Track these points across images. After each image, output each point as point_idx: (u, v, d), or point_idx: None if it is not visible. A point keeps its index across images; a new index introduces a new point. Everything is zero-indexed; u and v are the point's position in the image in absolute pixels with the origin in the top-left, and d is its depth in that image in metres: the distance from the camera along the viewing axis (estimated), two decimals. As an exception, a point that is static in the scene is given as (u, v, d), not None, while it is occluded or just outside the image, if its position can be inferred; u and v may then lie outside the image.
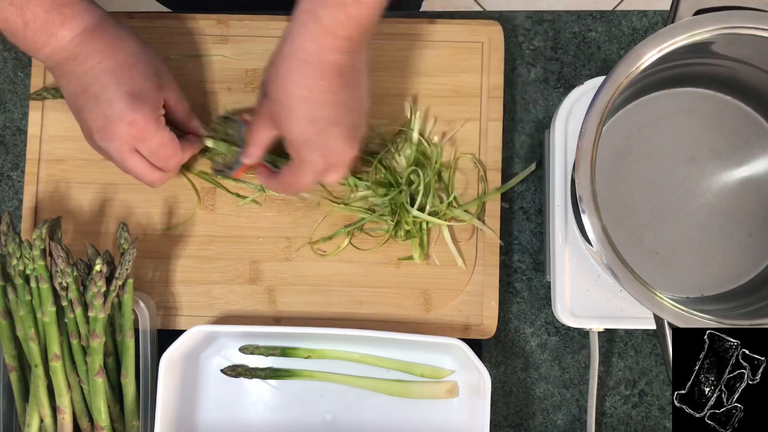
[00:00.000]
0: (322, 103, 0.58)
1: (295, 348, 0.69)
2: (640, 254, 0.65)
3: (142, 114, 0.61)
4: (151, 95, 0.62)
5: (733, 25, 0.55)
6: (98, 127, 0.61)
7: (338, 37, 0.56)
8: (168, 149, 0.64)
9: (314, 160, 0.60)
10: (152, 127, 0.62)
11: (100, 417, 0.65)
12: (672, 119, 0.66)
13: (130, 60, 0.62)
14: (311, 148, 0.60)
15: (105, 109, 0.61)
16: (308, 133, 0.59)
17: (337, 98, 0.58)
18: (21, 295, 0.64)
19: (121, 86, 0.61)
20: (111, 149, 0.62)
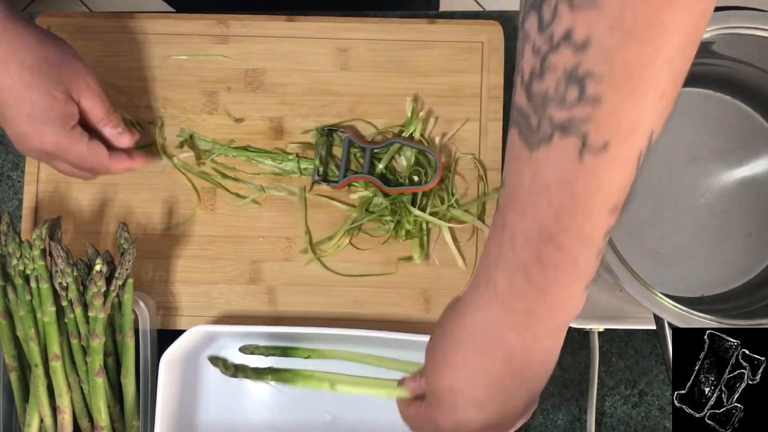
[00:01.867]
0: (469, 382, 0.45)
1: (295, 348, 0.69)
2: (640, 254, 0.65)
3: (48, 136, 0.59)
4: (55, 112, 0.59)
5: (733, 25, 0.55)
6: (13, 139, 0.61)
7: (514, 311, 0.42)
8: (88, 160, 0.62)
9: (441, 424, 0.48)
10: (63, 144, 0.60)
11: (100, 417, 0.65)
12: (672, 119, 0.66)
13: (28, 76, 0.58)
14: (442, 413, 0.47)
15: (12, 128, 0.59)
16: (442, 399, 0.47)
17: (493, 385, 0.45)
18: (21, 295, 0.64)
19: (22, 107, 0.58)
20: (32, 158, 0.63)
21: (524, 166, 0.38)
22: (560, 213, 0.38)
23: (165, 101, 0.73)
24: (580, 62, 0.34)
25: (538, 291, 0.41)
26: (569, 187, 0.37)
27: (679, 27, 0.33)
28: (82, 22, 0.73)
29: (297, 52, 0.73)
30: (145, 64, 0.73)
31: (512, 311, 0.42)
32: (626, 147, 0.36)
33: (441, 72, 0.72)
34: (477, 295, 0.44)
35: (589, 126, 0.35)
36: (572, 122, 0.36)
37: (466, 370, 0.45)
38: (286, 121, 0.72)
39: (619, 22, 0.33)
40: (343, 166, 0.70)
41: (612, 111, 0.35)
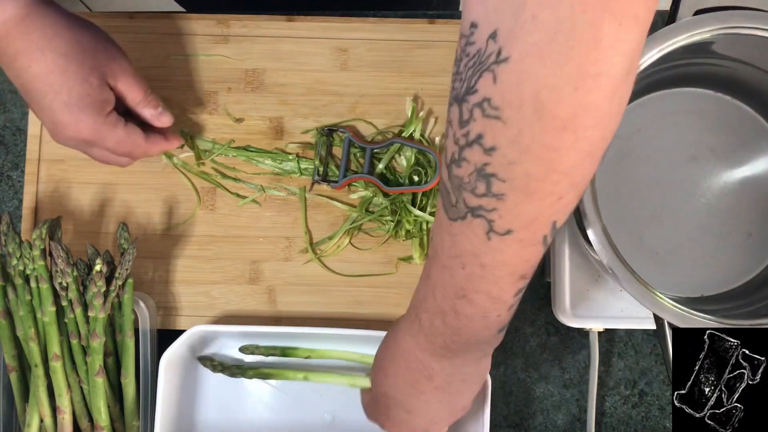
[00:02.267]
0: (399, 390, 0.55)
1: (295, 348, 0.69)
2: (640, 254, 0.65)
3: (85, 123, 0.59)
4: (91, 98, 0.58)
5: (733, 25, 0.55)
6: (49, 129, 0.60)
7: (434, 344, 0.50)
8: (126, 145, 0.62)
9: (379, 423, 0.59)
10: (100, 131, 0.60)
11: (100, 417, 0.65)
12: (672, 119, 0.66)
13: (63, 62, 0.57)
14: (378, 412, 0.59)
15: (49, 116, 0.58)
16: (378, 400, 0.58)
17: (418, 395, 0.54)
18: (21, 295, 0.64)
19: (57, 95, 0.57)
20: (69, 146, 0.62)
21: (444, 233, 0.44)
22: (471, 277, 0.44)
23: (165, 101, 0.73)
24: (487, 163, 0.38)
25: (453, 332, 0.48)
26: (478, 258, 0.43)
27: (573, 149, 0.37)
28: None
29: (297, 52, 0.73)
30: (145, 64, 0.73)
31: (433, 344, 0.50)
32: (529, 233, 0.41)
33: (441, 72, 0.72)
34: (408, 324, 0.52)
35: (494, 215, 0.40)
36: (481, 209, 0.40)
37: (397, 381, 0.54)
38: (286, 121, 0.72)
39: (518, 139, 0.37)
40: (343, 166, 0.70)
41: (513, 207, 0.39)
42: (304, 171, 0.71)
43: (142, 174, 0.72)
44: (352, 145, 0.71)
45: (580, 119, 0.36)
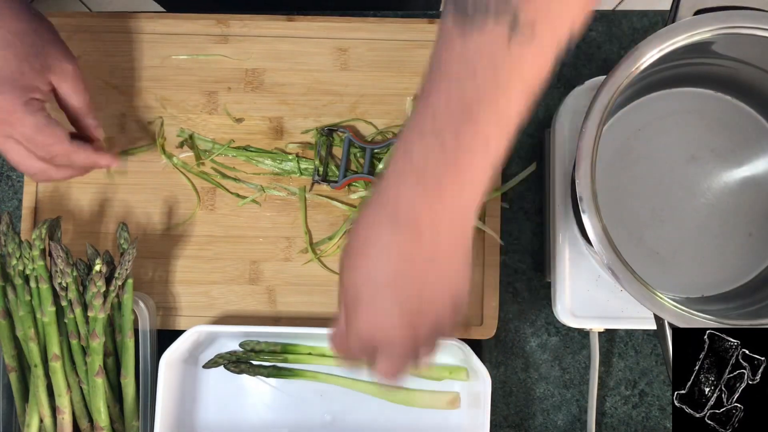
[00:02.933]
0: (384, 259, 0.46)
1: (295, 345, 0.69)
2: (640, 254, 0.65)
3: (8, 97, 0.57)
4: (24, 77, 0.58)
5: (733, 25, 0.55)
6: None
7: (426, 182, 0.44)
8: (45, 135, 0.59)
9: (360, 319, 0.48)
10: (20, 110, 0.58)
11: (100, 417, 0.65)
12: (672, 119, 0.66)
13: (7, 38, 0.57)
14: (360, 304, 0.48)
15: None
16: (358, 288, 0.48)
17: (405, 260, 0.46)
18: (20, 295, 0.64)
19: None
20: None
21: (455, 54, 0.42)
22: (482, 95, 0.42)
23: (165, 101, 0.73)
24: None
25: (449, 162, 0.43)
26: (495, 72, 0.41)
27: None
28: (82, 22, 0.73)
29: (297, 52, 0.73)
30: (145, 64, 0.73)
31: (424, 183, 0.43)
32: (549, 31, 0.41)
33: (441, 72, 0.72)
34: (393, 171, 0.45)
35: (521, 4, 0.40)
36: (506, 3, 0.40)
37: (378, 247, 0.46)
38: (286, 121, 0.72)
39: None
40: (343, 166, 0.70)
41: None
42: (304, 171, 0.71)
43: (142, 174, 0.72)
44: (352, 145, 0.70)
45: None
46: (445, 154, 0.43)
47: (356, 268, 0.47)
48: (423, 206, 0.44)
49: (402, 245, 0.45)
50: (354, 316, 0.48)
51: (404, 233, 0.45)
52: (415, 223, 0.45)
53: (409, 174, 0.44)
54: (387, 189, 0.46)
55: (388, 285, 0.46)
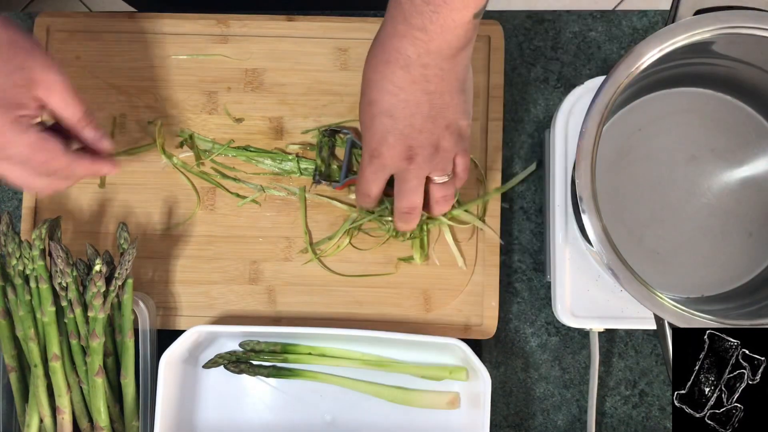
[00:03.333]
0: (381, 90, 0.55)
1: (296, 344, 0.69)
2: (640, 254, 0.65)
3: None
4: (7, 94, 0.54)
5: (733, 25, 0.55)
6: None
7: (412, 25, 0.52)
8: (40, 152, 0.56)
9: (366, 143, 0.59)
10: (9, 131, 0.54)
11: (100, 417, 0.65)
12: (672, 119, 0.66)
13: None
14: (365, 129, 0.58)
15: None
16: (364, 115, 0.58)
17: (398, 92, 0.55)
18: (20, 295, 0.64)
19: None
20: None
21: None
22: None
23: (165, 101, 0.73)
24: None
25: (432, 11, 0.51)
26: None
27: None
28: (82, 22, 0.73)
29: (297, 52, 0.73)
30: (145, 64, 0.73)
31: (411, 26, 0.52)
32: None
33: (441, 72, 0.72)
34: (387, 16, 0.54)
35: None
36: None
37: (377, 80, 0.55)
38: (286, 121, 0.72)
39: None
40: (345, 167, 0.70)
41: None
42: (304, 171, 0.71)
43: (142, 174, 0.72)
44: (354, 146, 0.70)
45: None
46: (427, 4, 0.50)
47: (363, 94, 0.57)
48: (409, 47, 0.53)
49: (394, 79, 0.54)
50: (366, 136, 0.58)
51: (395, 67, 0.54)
52: (404, 60, 0.54)
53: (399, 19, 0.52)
54: (381, 30, 0.55)
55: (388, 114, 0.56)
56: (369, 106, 0.57)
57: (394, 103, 0.55)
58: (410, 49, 0.53)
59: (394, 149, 0.57)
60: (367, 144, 0.59)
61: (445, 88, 0.56)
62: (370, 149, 0.59)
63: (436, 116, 0.57)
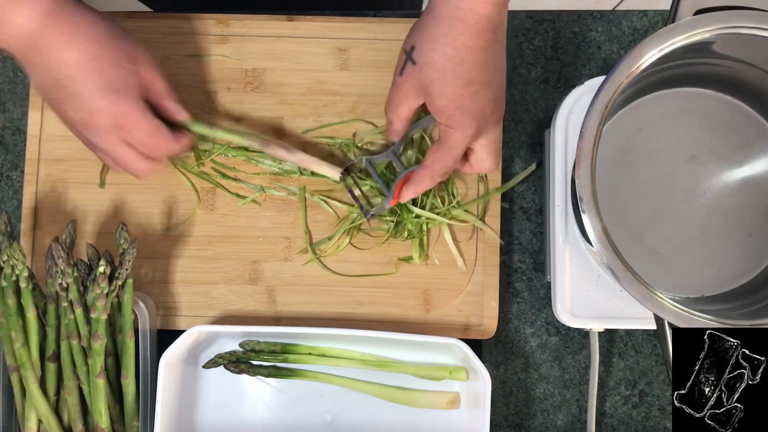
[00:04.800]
0: (477, 64, 0.56)
1: (296, 344, 0.69)
2: (640, 254, 0.65)
3: (123, 106, 0.59)
4: (127, 83, 0.60)
5: (733, 25, 0.55)
6: (80, 121, 0.60)
7: None
8: (156, 137, 0.62)
9: (467, 125, 0.58)
10: (136, 117, 0.60)
11: (101, 418, 0.65)
12: (672, 119, 0.66)
13: (97, 49, 0.58)
14: (463, 111, 0.58)
15: (83, 105, 0.59)
16: (462, 96, 0.57)
17: (489, 58, 0.56)
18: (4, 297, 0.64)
19: (94, 80, 0.58)
20: (98, 141, 0.61)
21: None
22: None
23: (165, 101, 0.73)
24: None
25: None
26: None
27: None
28: (81, 22, 0.73)
29: (297, 52, 0.73)
30: (145, 64, 0.73)
31: None
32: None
33: (441, 72, 0.72)
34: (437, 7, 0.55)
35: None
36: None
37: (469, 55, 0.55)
38: (286, 121, 0.72)
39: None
40: (384, 185, 0.69)
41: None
42: (304, 171, 0.71)
43: (142, 174, 0.72)
44: (371, 164, 0.69)
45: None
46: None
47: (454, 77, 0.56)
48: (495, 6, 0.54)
49: (488, 45, 0.55)
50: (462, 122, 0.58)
51: (486, 35, 0.55)
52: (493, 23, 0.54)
53: None
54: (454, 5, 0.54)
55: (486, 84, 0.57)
56: (467, 86, 0.56)
57: (488, 72, 0.57)
58: (496, 10, 0.54)
59: (494, 116, 0.59)
60: (462, 123, 0.58)
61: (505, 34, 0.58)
62: (472, 126, 0.59)
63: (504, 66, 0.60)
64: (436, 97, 0.58)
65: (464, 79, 0.56)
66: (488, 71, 0.57)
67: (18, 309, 0.64)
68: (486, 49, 0.55)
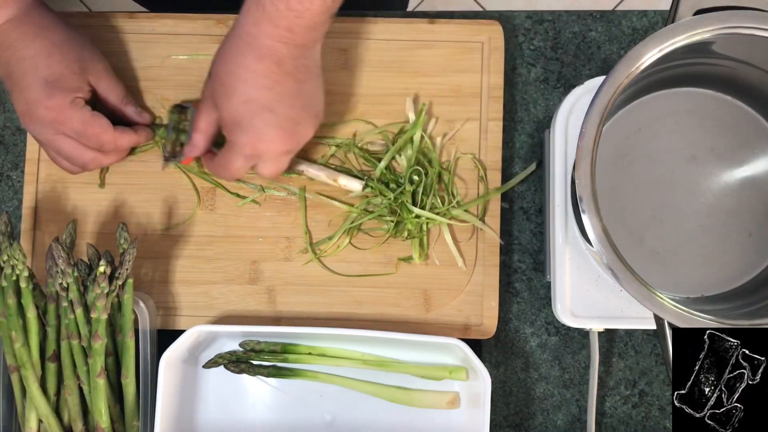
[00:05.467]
0: (257, 87, 0.59)
1: (296, 344, 0.69)
2: (640, 254, 0.65)
3: (57, 100, 0.63)
4: (68, 80, 0.64)
5: (733, 25, 0.55)
6: (22, 112, 0.64)
7: (279, 27, 0.57)
8: (93, 126, 0.65)
9: (243, 142, 0.61)
10: (69, 108, 0.64)
11: (101, 418, 0.65)
12: (672, 119, 0.66)
13: (50, 47, 0.64)
14: (241, 129, 0.61)
15: (25, 95, 0.64)
16: (240, 114, 0.60)
17: (274, 86, 0.59)
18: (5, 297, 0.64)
19: (39, 73, 0.63)
20: (36, 132, 0.66)
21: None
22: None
23: (165, 101, 0.73)
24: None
25: (296, 16, 0.56)
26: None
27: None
28: (82, 22, 0.73)
29: (297, 52, 0.73)
30: (145, 64, 0.73)
31: (278, 27, 0.57)
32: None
33: (441, 72, 0.72)
34: (249, 18, 0.57)
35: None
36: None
37: (251, 77, 0.59)
38: (286, 121, 0.72)
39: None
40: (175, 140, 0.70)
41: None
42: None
43: (142, 174, 0.72)
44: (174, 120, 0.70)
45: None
46: (291, 10, 0.56)
47: (234, 94, 0.59)
48: (279, 44, 0.57)
49: (270, 75, 0.58)
50: (238, 138, 0.61)
51: (269, 63, 0.58)
52: (276, 56, 0.58)
53: (264, 21, 0.57)
54: (245, 30, 0.58)
55: (267, 109, 0.60)
56: (246, 104, 0.59)
57: (271, 98, 0.59)
58: (280, 46, 0.58)
59: (275, 144, 0.61)
60: (239, 140, 0.61)
61: (309, 75, 0.61)
62: (248, 146, 0.61)
63: (308, 105, 0.62)
64: (221, 109, 0.61)
65: (243, 98, 0.59)
66: (272, 97, 0.59)
67: (18, 309, 0.64)
68: (269, 76, 0.59)
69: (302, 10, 0.56)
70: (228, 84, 0.60)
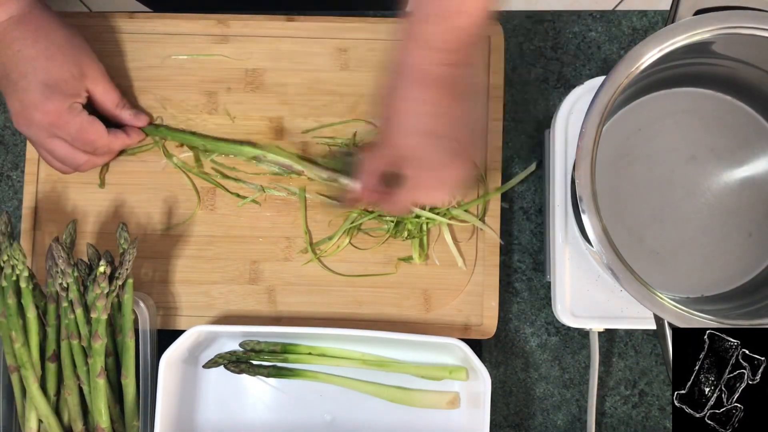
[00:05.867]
0: (423, 115, 0.57)
1: (296, 344, 0.69)
2: (640, 254, 0.65)
3: (55, 104, 0.63)
4: (67, 85, 0.64)
5: (733, 25, 0.55)
6: (16, 113, 0.64)
7: (439, 50, 0.55)
8: (89, 132, 0.66)
9: (419, 175, 0.59)
10: (66, 113, 0.64)
11: (101, 418, 0.65)
12: (672, 119, 0.66)
13: (50, 50, 0.64)
14: (416, 162, 0.58)
15: (21, 96, 0.63)
16: (411, 147, 0.58)
17: (438, 110, 0.57)
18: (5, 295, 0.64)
19: (38, 75, 0.63)
20: (30, 134, 0.66)
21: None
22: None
23: (165, 101, 0.73)
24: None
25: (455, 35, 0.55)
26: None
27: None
28: (82, 22, 0.73)
29: (297, 52, 0.73)
30: (145, 64, 0.73)
31: (439, 51, 0.55)
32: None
33: (441, 72, 0.72)
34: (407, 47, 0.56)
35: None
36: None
37: (419, 107, 0.57)
38: (286, 121, 0.72)
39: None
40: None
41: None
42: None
43: (142, 174, 0.72)
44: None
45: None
46: (439, 27, 0.55)
47: (401, 131, 0.58)
48: (435, 67, 0.56)
49: (434, 101, 0.56)
50: (415, 172, 0.59)
51: (432, 87, 0.56)
52: (436, 78, 0.56)
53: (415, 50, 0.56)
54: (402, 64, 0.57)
55: (437, 135, 0.57)
56: (420, 136, 0.57)
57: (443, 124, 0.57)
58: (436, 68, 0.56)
59: (456, 170, 0.59)
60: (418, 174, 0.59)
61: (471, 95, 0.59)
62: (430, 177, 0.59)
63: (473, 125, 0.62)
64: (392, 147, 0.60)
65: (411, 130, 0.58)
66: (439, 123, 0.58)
67: (18, 309, 0.64)
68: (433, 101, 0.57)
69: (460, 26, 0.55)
70: (393, 118, 0.58)
